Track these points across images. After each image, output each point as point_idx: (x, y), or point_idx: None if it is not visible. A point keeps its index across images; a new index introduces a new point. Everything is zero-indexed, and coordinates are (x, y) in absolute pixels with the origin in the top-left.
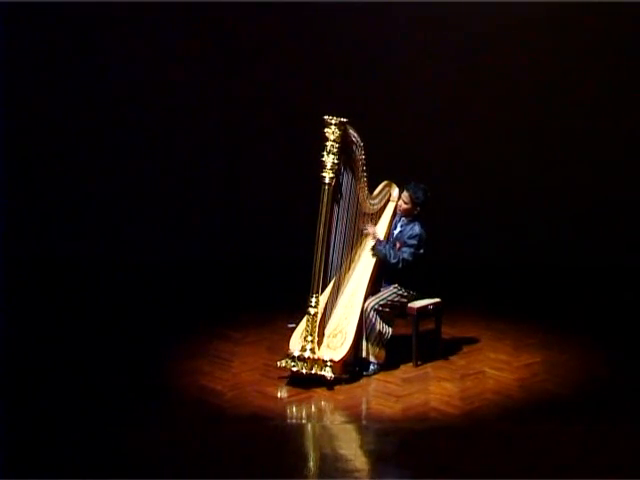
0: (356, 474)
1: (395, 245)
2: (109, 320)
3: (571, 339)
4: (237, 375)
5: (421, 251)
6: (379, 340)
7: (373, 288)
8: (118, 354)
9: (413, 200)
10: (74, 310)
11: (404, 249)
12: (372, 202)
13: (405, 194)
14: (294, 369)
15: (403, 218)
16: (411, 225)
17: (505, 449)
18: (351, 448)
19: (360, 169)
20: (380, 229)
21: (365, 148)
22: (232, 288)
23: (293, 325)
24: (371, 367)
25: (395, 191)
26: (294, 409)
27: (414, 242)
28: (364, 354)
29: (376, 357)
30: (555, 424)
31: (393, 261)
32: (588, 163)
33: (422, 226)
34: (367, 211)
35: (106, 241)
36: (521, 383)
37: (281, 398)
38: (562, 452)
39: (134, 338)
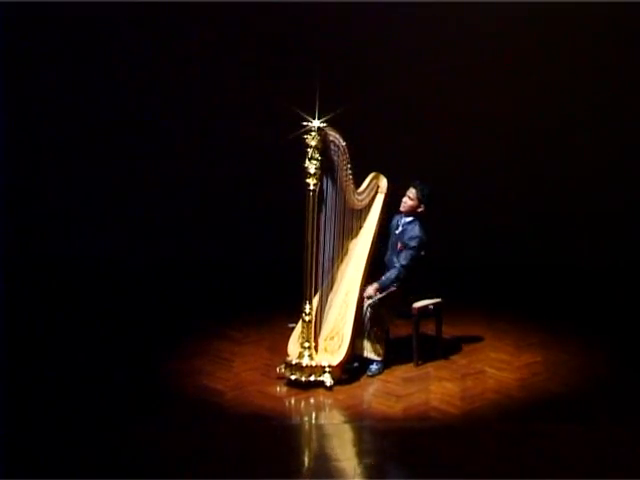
0: (356, 474)
1: (397, 245)
2: (109, 320)
3: (572, 339)
4: (238, 375)
5: (421, 253)
6: (378, 337)
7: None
8: (118, 354)
9: (419, 197)
10: (74, 310)
11: (402, 255)
12: (359, 198)
13: (412, 190)
14: (292, 377)
15: (405, 217)
16: (412, 225)
17: (505, 449)
18: (351, 448)
19: (344, 167)
20: (370, 222)
21: (349, 147)
22: (233, 288)
23: (293, 325)
24: (374, 367)
25: (383, 182)
26: (295, 409)
27: (414, 244)
28: (365, 353)
29: (377, 354)
30: (555, 424)
31: (395, 277)
32: (588, 163)
33: (422, 227)
34: (355, 207)
35: (106, 241)
36: (522, 383)
37: (282, 398)
38: (562, 452)
39: (134, 338)
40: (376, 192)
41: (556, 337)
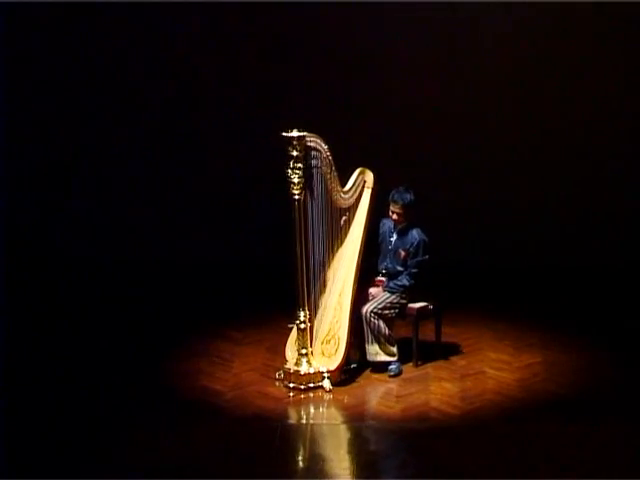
0: (356, 474)
1: (399, 253)
2: (110, 320)
3: (571, 339)
4: (237, 375)
5: (426, 257)
6: (387, 339)
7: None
8: (119, 354)
9: (404, 206)
10: (74, 310)
11: (409, 263)
12: (345, 196)
13: (395, 205)
14: (291, 385)
15: (398, 225)
16: (409, 230)
17: (505, 449)
18: (351, 448)
19: (327, 170)
20: (359, 219)
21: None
22: (233, 288)
23: (293, 325)
24: (393, 366)
25: (369, 177)
26: (294, 409)
27: (419, 250)
28: (378, 357)
29: (391, 355)
30: (555, 424)
31: (409, 284)
32: (588, 163)
33: (420, 231)
34: (342, 206)
35: (106, 241)
36: (521, 383)
37: (281, 398)
38: (562, 452)
39: (135, 338)
40: (363, 187)
41: (555, 337)
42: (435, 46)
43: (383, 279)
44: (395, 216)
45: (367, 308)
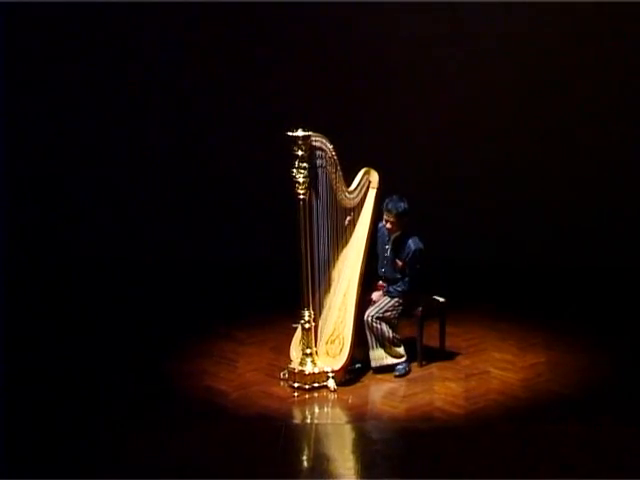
0: (360, 474)
1: (396, 263)
2: (112, 320)
3: (575, 339)
4: (242, 375)
5: (422, 265)
6: (392, 341)
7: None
8: (122, 354)
9: (397, 216)
10: (76, 310)
11: (407, 272)
12: (350, 196)
13: (388, 215)
14: (296, 385)
15: (392, 234)
16: (405, 239)
17: (509, 449)
18: (356, 448)
19: (332, 170)
20: (364, 219)
21: (336, 147)
22: (236, 288)
23: (297, 325)
24: (400, 367)
25: (374, 177)
26: (299, 409)
27: (415, 260)
28: (386, 361)
29: (398, 356)
30: (559, 424)
31: (408, 290)
32: (589, 163)
33: (415, 240)
34: (348, 206)
35: (107, 241)
36: (525, 383)
37: (286, 398)
38: (566, 452)
39: (138, 339)
40: (368, 187)
41: (559, 338)
42: (435, 46)
43: (384, 283)
44: (389, 225)
45: (369, 313)
